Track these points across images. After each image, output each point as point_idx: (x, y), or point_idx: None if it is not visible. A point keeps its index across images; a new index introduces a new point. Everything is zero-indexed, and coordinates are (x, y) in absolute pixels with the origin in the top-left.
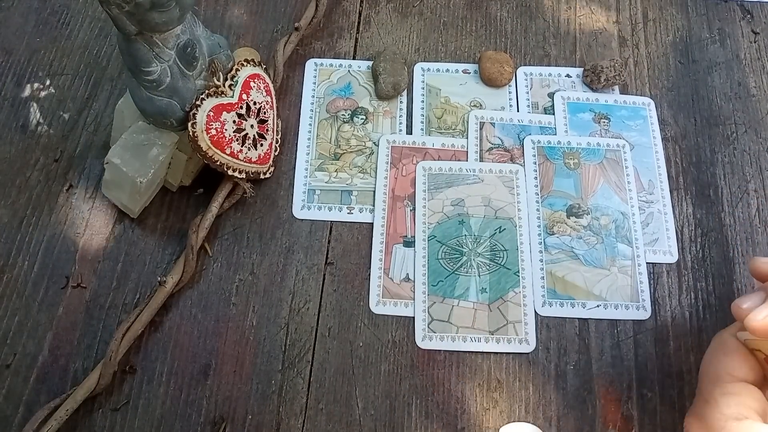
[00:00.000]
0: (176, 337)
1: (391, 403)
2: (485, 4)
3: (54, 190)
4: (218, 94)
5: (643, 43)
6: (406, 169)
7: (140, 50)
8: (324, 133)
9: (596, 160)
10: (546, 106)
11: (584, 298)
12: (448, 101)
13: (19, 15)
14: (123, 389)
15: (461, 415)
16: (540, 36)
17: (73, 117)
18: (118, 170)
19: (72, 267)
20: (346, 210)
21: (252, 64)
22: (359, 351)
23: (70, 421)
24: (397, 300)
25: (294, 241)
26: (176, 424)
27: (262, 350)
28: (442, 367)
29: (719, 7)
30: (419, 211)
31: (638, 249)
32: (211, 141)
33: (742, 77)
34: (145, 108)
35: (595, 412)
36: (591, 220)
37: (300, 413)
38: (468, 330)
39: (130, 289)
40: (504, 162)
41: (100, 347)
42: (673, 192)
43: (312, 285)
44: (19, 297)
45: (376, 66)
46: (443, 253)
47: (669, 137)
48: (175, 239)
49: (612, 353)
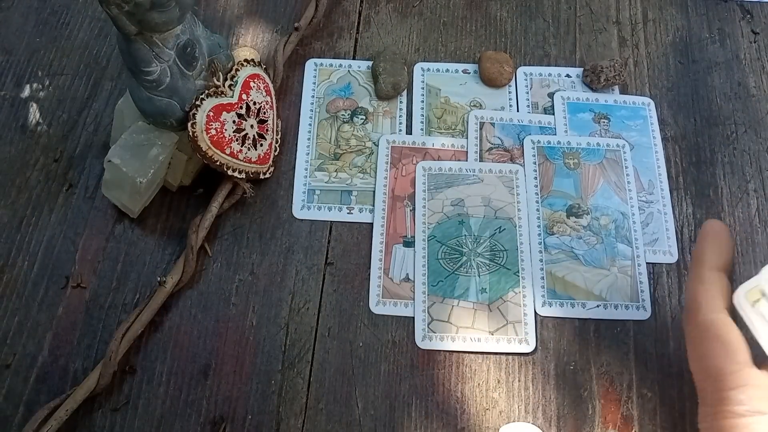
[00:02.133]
0: (176, 337)
1: (391, 403)
2: (485, 4)
3: (54, 190)
4: (218, 94)
5: (643, 43)
6: (406, 169)
7: (140, 50)
8: (324, 133)
9: (596, 160)
10: (546, 106)
11: (584, 298)
12: (448, 101)
13: (19, 15)
14: (123, 389)
15: (461, 415)
16: (540, 36)
17: (73, 117)
18: (118, 170)
19: (72, 267)
20: (346, 210)
21: (252, 64)
22: (359, 351)
23: (70, 421)
24: (397, 300)
25: (294, 241)
26: (176, 424)
27: (262, 350)
28: (442, 367)
29: (719, 7)
30: (419, 211)
31: (638, 249)
32: (211, 141)
33: (741, 77)
34: (145, 108)
35: (595, 412)
36: (591, 220)
37: (300, 413)
38: (468, 330)
39: (130, 289)
40: (504, 162)
41: (100, 347)
42: (673, 192)
43: (312, 285)
44: (19, 297)
45: (376, 66)
46: (443, 253)
47: (669, 137)
48: (175, 239)
49: (612, 353)
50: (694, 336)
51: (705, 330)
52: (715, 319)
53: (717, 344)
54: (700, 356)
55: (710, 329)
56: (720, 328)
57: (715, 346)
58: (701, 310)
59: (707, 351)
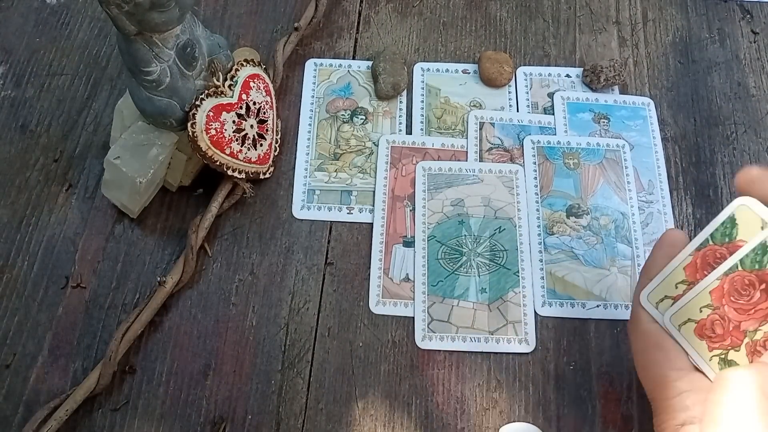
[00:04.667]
0: (176, 337)
1: (391, 403)
2: (485, 4)
3: (54, 190)
4: (218, 94)
5: (642, 43)
6: (405, 169)
7: (140, 50)
8: (324, 133)
9: (596, 160)
10: (546, 106)
11: (584, 298)
12: (447, 101)
13: (19, 15)
14: (123, 389)
15: (461, 415)
16: (540, 36)
17: (73, 117)
18: (117, 170)
19: (72, 267)
20: (346, 210)
21: (252, 64)
22: (359, 351)
23: (70, 421)
24: (397, 300)
25: (294, 241)
26: (176, 424)
27: (262, 350)
28: (442, 367)
29: (719, 7)
30: (419, 211)
31: (638, 249)
32: (211, 141)
33: (741, 77)
34: (145, 108)
35: (595, 412)
36: (591, 220)
37: (300, 413)
38: (468, 330)
39: (130, 289)
40: (504, 162)
41: (100, 347)
42: (673, 192)
43: (312, 285)
44: (19, 297)
45: (375, 66)
46: (443, 253)
47: (669, 137)
48: (174, 239)
49: (612, 353)
50: (637, 346)
51: (646, 339)
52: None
53: (658, 352)
54: (645, 365)
55: (650, 338)
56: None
57: (655, 353)
58: (642, 319)
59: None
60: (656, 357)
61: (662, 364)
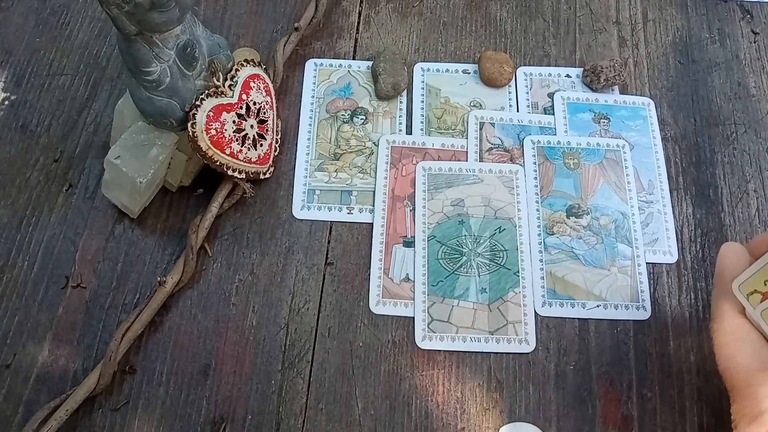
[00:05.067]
0: (176, 337)
1: (391, 403)
2: (485, 4)
3: (54, 190)
4: (218, 94)
5: (642, 43)
6: (405, 169)
7: (140, 50)
8: (324, 133)
9: (596, 160)
10: (546, 106)
11: (584, 298)
12: (447, 101)
13: (19, 15)
14: (123, 389)
15: (461, 415)
16: (540, 36)
17: (73, 117)
18: (117, 170)
19: (72, 267)
20: (346, 210)
21: (252, 64)
22: (359, 351)
23: (70, 421)
24: (397, 300)
25: (294, 241)
26: (176, 424)
27: (262, 350)
28: (442, 367)
29: (719, 7)
30: (419, 211)
31: (638, 249)
32: (211, 141)
33: (741, 77)
34: (145, 108)
35: (595, 412)
36: (591, 220)
37: (300, 413)
38: (468, 330)
39: (130, 290)
40: (504, 162)
41: (100, 347)
42: (673, 192)
43: (312, 285)
44: (19, 297)
45: (375, 66)
46: (443, 253)
47: (669, 137)
48: (175, 239)
49: (612, 353)
50: (722, 340)
51: (731, 333)
52: (740, 322)
53: (742, 344)
54: (728, 356)
55: (736, 332)
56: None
57: (740, 345)
58: (726, 316)
59: (736, 351)
60: (741, 349)
61: (746, 356)
